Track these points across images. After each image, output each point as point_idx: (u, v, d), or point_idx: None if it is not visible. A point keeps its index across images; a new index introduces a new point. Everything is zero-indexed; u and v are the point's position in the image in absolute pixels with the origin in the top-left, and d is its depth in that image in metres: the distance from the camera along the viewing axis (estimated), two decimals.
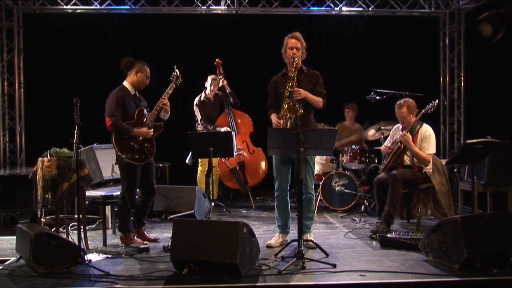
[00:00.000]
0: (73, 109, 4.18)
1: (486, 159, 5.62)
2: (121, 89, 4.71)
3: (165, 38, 7.97)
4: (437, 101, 5.17)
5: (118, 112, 4.57)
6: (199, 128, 6.75)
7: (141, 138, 4.70)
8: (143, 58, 4.96)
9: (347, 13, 7.69)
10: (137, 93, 4.83)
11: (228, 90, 6.83)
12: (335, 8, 7.57)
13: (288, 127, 4.53)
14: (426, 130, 5.20)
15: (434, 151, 5.21)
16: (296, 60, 4.59)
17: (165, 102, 4.77)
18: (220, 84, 6.78)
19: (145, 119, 4.74)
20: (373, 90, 6.76)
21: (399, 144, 5.23)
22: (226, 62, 6.87)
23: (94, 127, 5.22)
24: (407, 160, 5.27)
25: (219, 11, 7.56)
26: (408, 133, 5.15)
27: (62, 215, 4.72)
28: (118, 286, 3.53)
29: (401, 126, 5.37)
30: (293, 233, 4.84)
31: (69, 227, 4.96)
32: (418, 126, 5.21)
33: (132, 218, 4.89)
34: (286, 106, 4.54)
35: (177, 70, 4.93)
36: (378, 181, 5.26)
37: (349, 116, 7.29)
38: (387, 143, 5.50)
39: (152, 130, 4.76)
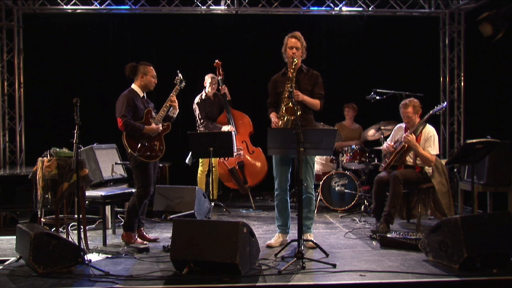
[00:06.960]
0: (73, 109, 4.21)
1: (486, 159, 5.62)
2: (131, 91, 4.82)
3: (165, 38, 7.96)
4: (445, 103, 5.15)
5: (128, 113, 4.67)
6: (201, 127, 6.75)
7: (151, 136, 4.79)
8: (143, 58, 4.97)
9: (347, 13, 7.67)
10: (145, 95, 4.93)
11: (228, 97, 6.84)
12: (335, 8, 7.56)
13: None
14: (430, 131, 5.19)
15: (437, 152, 5.21)
16: (295, 61, 4.59)
17: (173, 99, 4.91)
18: (222, 91, 6.79)
19: (152, 119, 4.85)
20: (373, 90, 6.75)
21: (403, 144, 5.23)
22: (226, 62, 6.88)
23: (94, 127, 5.22)
24: (409, 160, 5.26)
25: (219, 11, 7.55)
26: (412, 134, 5.15)
27: (62, 215, 4.72)
28: (118, 286, 3.54)
29: (404, 126, 5.37)
30: (293, 233, 4.84)
31: (69, 227, 4.96)
32: (422, 127, 5.20)
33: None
34: (284, 108, 4.55)
35: (180, 75, 5.07)
36: (379, 179, 5.25)
37: (349, 116, 7.29)
38: (389, 141, 5.49)
39: (161, 125, 4.87)
